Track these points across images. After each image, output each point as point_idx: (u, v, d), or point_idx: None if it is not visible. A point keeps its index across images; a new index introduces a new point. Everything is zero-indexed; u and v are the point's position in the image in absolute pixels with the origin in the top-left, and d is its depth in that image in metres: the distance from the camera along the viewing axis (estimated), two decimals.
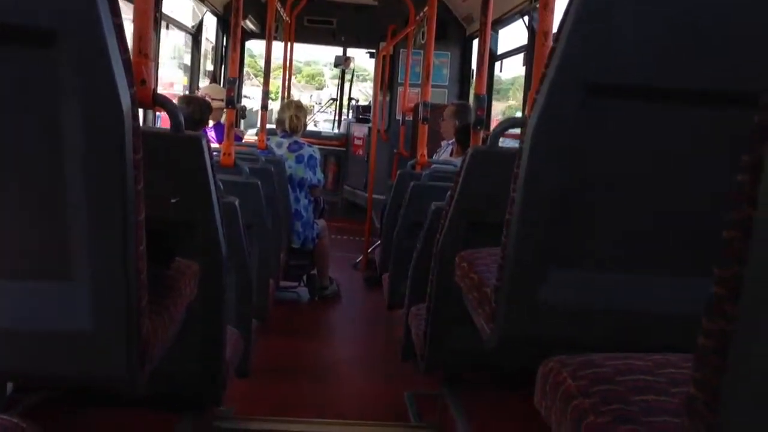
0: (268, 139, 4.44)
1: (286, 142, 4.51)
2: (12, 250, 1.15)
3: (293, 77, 8.97)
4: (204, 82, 6.81)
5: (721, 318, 0.58)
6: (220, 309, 1.96)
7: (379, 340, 3.85)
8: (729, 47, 1.19)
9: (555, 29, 1.56)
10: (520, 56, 5.42)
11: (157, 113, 4.84)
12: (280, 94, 6.94)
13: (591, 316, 1.38)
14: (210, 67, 7.42)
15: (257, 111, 4.98)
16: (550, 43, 1.88)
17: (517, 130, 2.22)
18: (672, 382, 0.91)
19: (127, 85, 1.08)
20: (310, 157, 4.50)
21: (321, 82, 13.88)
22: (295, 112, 4.55)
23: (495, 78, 6.59)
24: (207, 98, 4.94)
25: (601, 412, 0.87)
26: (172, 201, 1.82)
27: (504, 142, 2.50)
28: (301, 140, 4.58)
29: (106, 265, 1.12)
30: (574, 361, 1.00)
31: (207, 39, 7.01)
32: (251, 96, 12.73)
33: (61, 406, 2.06)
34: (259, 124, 4.45)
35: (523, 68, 5.12)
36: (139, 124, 1.12)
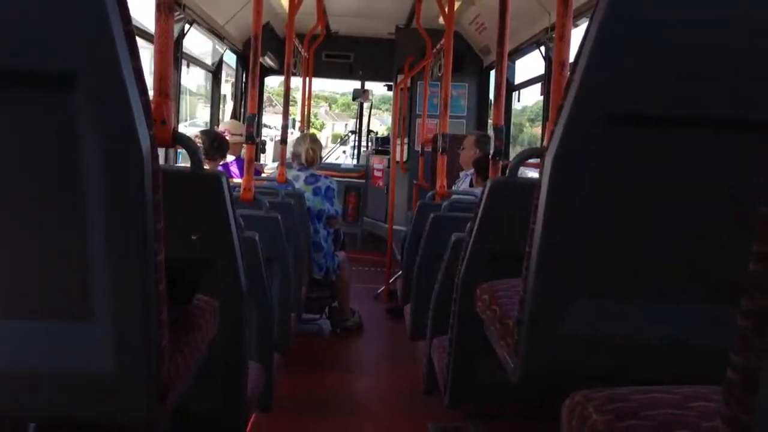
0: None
1: (302, 175, 4.54)
2: (33, 290, 1.15)
3: (328, 106, 9.07)
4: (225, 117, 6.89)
5: (748, 352, 0.57)
6: (242, 344, 1.95)
7: (402, 372, 3.82)
8: (748, 74, 1.18)
9: (571, 59, 1.56)
10: (538, 86, 5.43)
11: (179, 150, 4.89)
12: (298, 127, 7.00)
13: (615, 348, 1.36)
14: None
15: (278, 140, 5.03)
16: (567, 72, 1.88)
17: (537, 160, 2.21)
18: (702, 417, 0.89)
19: (147, 127, 1.09)
20: (327, 188, 4.53)
21: (354, 111, 14.05)
22: (311, 145, 4.58)
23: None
24: (227, 134, 5.01)
25: None
26: (193, 238, 1.83)
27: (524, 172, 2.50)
28: (318, 173, 4.60)
29: (126, 306, 1.12)
30: (599, 396, 0.98)
31: (226, 78, 7.11)
32: (272, 125, 12.78)
33: None
34: (279, 158, 4.49)
35: (541, 97, 5.13)
36: (158, 164, 1.13)
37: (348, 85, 10.14)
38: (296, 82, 6.88)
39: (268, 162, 8.10)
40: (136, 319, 1.12)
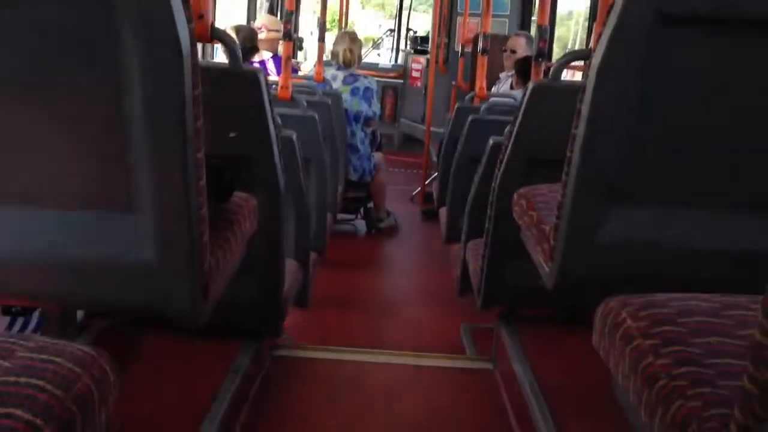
0: (324, 71, 4.41)
1: (341, 74, 4.47)
2: (76, 181, 1.18)
3: (363, 6, 8.84)
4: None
5: None
6: (279, 242, 1.99)
7: (436, 273, 3.88)
8: None
9: None
10: None
11: (215, 45, 4.84)
12: (337, 24, 6.86)
13: (653, 255, 1.35)
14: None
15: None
16: None
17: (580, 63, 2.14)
18: (739, 325, 0.89)
19: (186, 21, 1.08)
20: (366, 89, 4.46)
21: (391, 12, 13.51)
22: (349, 45, 4.48)
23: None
24: (264, 29, 4.92)
25: (661, 354, 0.86)
26: (231, 135, 1.83)
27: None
28: (357, 72, 4.53)
29: (168, 200, 1.14)
30: (635, 302, 0.98)
31: None
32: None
33: (128, 333, 2.16)
34: (316, 57, 4.42)
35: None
36: (197, 60, 1.12)
37: None
38: None
39: (308, 61, 7.97)
40: (178, 214, 1.15)
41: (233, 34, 4.31)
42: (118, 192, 1.16)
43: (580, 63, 3.02)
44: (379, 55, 9.98)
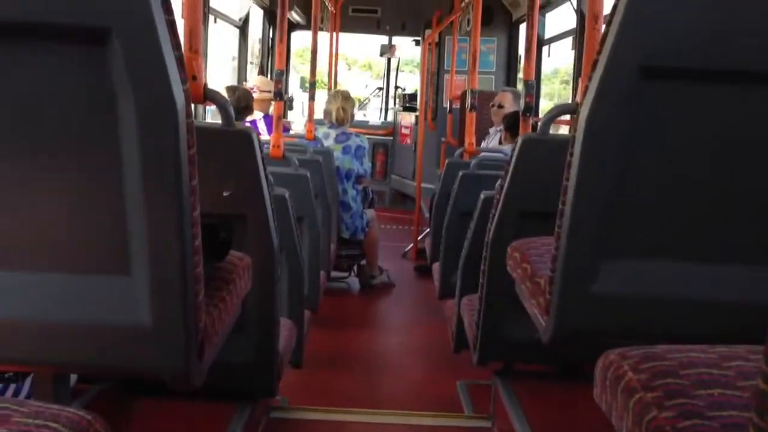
0: (315, 129, 4.46)
1: (333, 132, 4.52)
2: (71, 244, 1.17)
3: (349, 67, 9.03)
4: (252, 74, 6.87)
5: None
6: (273, 300, 1.98)
7: (431, 330, 3.85)
8: None
9: (605, 12, 1.52)
10: (563, 42, 5.33)
11: (207, 107, 4.90)
12: (327, 84, 6.97)
13: (649, 307, 1.35)
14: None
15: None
16: (601, 26, 1.84)
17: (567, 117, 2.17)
18: (740, 376, 0.88)
19: (181, 82, 1.09)
20: (358, 147, 4.50)
21: (378, 73, 13.71)
22: (342, 103, 4.54)
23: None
24: (255, 90, 4.99)
25: (665, 407, 0.85)
26: (225, 194, 1.83)
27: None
28: (349, 130, 4.57)
29: (163, 261, 1.14)
30: (634, 354, 0.97)
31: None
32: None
33: (123, 397, 2.12)
34: (306, 115, 4.47)
35: (572, 53, 5.03)
36: (192, 120, 1.13)
37: (369, 46, 9.97)
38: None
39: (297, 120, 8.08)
40: (174, 274, 1.14)
41: (227, 95, 4.37)
42: (113, 253, 1.15)
43: (567, 117, 3.07)
44: (365, 114, 10.10)
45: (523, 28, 6.26)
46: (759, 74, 1.20)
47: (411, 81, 10.99)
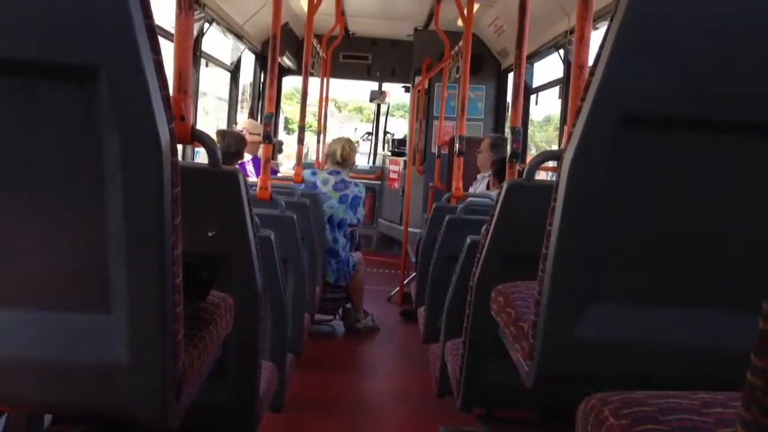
0: (314, 173, 4.48)
1: (332, 179, 4.50)
2: (51, 281, 1.16)
3: (339, 110, 9.15)
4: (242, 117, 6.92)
5: None
6: (255, 342, 1.96)
7: (415, 374, 3.81)
8: None
9: (591, 62, 1.55)
10: (555, 90, 5.41)
11: (196, 149, 4.92)
12: (316, 128, 7.03)
13: (632, 353, 1.35)
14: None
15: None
16: (586, 76, 1.87)
17: (554, 163, 2.20)
18: (720, 423, 0.88)
19: (167, 121, 1.10)
20: (354, 197, 4.49)
21: (369, 116, 13.83)
22: (347, 143, 4.56)
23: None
24: (245, 133, 5.02)
25: None
26: (209, 234, 1.83)
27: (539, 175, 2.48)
28: (349, 178, 4.56)
29: (143, 299, 1.13)
30: (616, 399, 0.97)
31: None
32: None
33: None
34: (295, 159, 4.50)
35: (549, 104, 5.12)
36: (177, 159, 1.13)
37: (361, 91, 10.09)
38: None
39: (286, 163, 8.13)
40: (153, 313, 1.13)
41: (217, 140, 4.39)
42: (92, 290, 1.14)
43: (554, 164, 3.11)
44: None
45: (511, 76, 6.36)
46: (739, 124, 1.22)
47: (401, 126, 11.10)
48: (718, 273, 1.31)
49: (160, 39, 1.12)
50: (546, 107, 6.54)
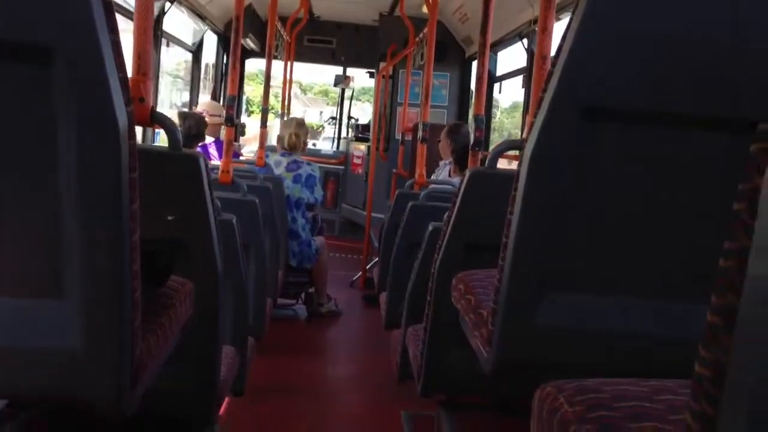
0: (267, 156, 4.44)
1: (284, 161, 4.50)
2: (4, 267, 1.14)
3: (300, 91, 9.10)
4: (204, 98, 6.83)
5: (716, 348, 0.57)
6: (216, 327, 1.94)
7: (377, 359, 3.83)
8: (728, 73, 1.19)
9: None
10: (519, 79, 5.45)
11: (156, 130, 4.85)
12: (279, 111, 6.97)
13: (588, 340, 1.37)
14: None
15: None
16: (549, 66, 1.89)
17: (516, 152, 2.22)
18: (670, 410, 0.90)
19: (124, 104, 1.08)
20: (309, 176, 4.49)
21: (335, 99, 13.69)
22: (295, 129, 4.53)
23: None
24: (205, 114, 4.96)
25: None
26: (169, 218, 1.81)
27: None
28: (301, 159, 4.56)
29: (99, 284, 1.11)
30: (569, 387, 0.98)
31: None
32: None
33: (52, 424, 2.04)
34: (257, 142, 4.46)
35: (516, 91, 5.16)
36: (135, 142, 1.11)
37: (327, 75, 10.05)
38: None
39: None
40: (109, 298, 1.11)
41: (178, 121, 4.33)
42: (45, 276, 1.12)
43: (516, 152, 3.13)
44: (314, 145, 10.09)
45: (475, 64, 6.38)
46: (695, 117, 1.24)
47: (367, 111, 11.06)
48: (671, 264, 1.34)
49: (120, 18, 1.10)
50: (513, 94, 6.58)
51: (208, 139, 4.98)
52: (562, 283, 1.34)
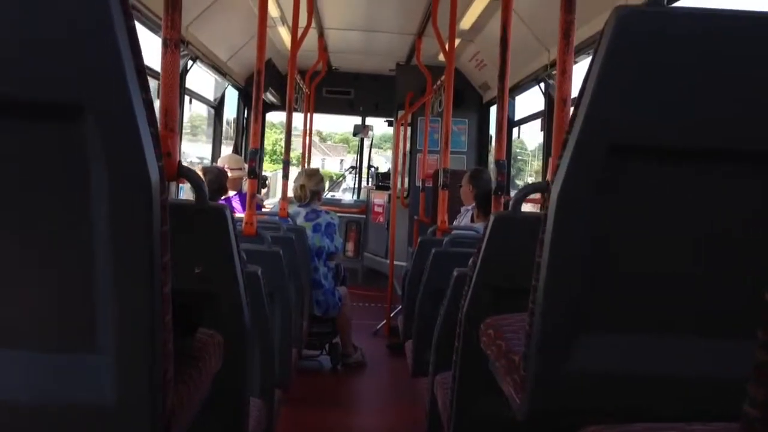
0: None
1: (303, 211, 4.52)
2: (38, 320, 1.15)
3: (319, 139, 9.20)
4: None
5: (766, 386, 0.56)
6: (244, 379, 1.93)
7: (404, 409, 3.78)
8: (753, 108, 1.19)
9: (573, 94, 1.57)
10: (537, 122, 5.47)
11: (180, 185, 4.91)
12: (300, 163, 7.04)
13: (624, 384, 1.34)
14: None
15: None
16: (569, 108, 1.89)
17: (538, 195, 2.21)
18: None
19: (156, 159, 1.10)
20: (327, 225, 4.50)
21: (356, 147, 13.87)
22: (304, 181, 4.57)
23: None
24: (225, 168, 5.02)
25: None
26: (197, 271, 1.82)
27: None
28: (319, 208, 4.59)
29: (131, 337, 1.11)
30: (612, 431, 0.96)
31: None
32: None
33: None
34: (280, 193, 4.50)
35: (541, 133, 5.17)
36: (167, 197, 1.13)
37: (347, 125, 10.19)
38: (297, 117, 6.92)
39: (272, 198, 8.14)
40: (142, 351, 1.11)
41: (201, 175, 4.39)
42: (79, 330, 1.13)
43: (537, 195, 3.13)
44: (332, 195, 10.12)
45: (493, 110, 6.43)
46: (723, 152, 1.24)
47: (387, 158, 11.14)
48: (708, 301, 1.31)
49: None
50: (536, 137, 6.61)
51: (231, 192, 5.03)
52: (595, 326, 1.32)
